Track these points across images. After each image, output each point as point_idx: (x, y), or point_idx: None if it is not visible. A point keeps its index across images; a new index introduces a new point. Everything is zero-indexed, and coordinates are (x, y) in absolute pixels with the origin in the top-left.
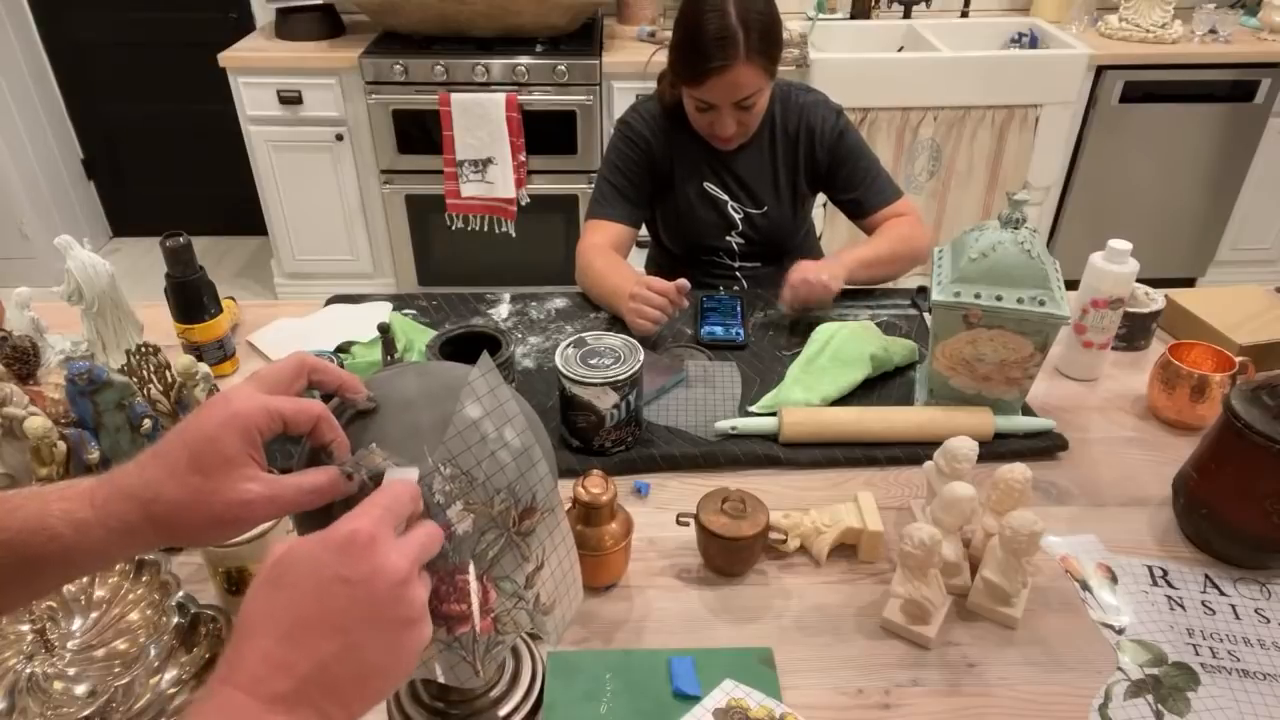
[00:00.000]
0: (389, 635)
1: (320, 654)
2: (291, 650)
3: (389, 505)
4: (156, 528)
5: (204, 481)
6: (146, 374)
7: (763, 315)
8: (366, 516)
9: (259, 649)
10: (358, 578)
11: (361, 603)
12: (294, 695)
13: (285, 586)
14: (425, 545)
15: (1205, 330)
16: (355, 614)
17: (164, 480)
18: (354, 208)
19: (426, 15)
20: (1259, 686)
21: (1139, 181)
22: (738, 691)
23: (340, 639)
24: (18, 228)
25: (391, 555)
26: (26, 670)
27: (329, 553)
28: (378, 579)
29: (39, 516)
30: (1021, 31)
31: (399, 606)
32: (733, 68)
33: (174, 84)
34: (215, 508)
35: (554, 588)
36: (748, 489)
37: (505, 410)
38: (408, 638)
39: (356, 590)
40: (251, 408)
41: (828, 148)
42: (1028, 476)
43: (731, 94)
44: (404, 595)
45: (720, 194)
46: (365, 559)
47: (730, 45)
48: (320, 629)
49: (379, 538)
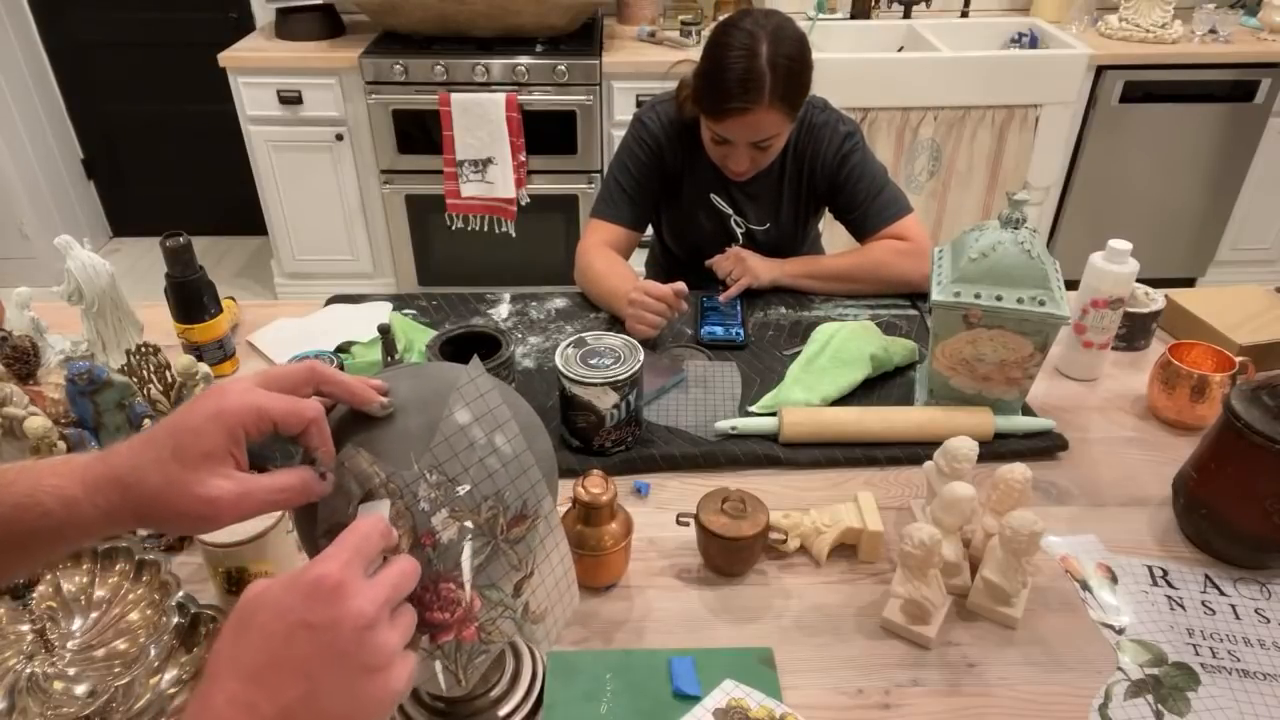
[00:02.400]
0: (353, 682)
1: (285, 698)
2: (256, 692)
3: (358, 546)
4: (133, 511)
5: (180, 472)
6: (146, 374)
7: (763, 315)
8: (335, 560)
9: (225, 690)
10: (322, 623)
11: (325, 648)
12: None
13: (253, 629)
14: (397, 585)
15: (1205, 330)
16: (319, 660)
17: (148, 466)
18: (354, 208)
19: (426, 15)
20: (1259, 686)
21: (1139, 181)
22: (738, 691)
23: (305, 684)
24: (18, 228)
25: (357, 600)
26: (26, 670)
27: (295, 597)
28: (343, 624)
29: (31, 492)
30: (1021, 31)
31: (363, 653)
32: (753, 111)
33: (174, 84)
34: (184, 500)
35: (545, 595)
36: (748, 489)
37: (496, 415)
38: (373, 685)
39: (321, 636)
40: (241, 405)
41: (829, 172)
42: (1028, 476)
43: (750, 135)
44: (369, 641)
45: (725, 208)
46: (330, 604)
47: (755, 89)
48: (284, 673)
49: (345, 582)
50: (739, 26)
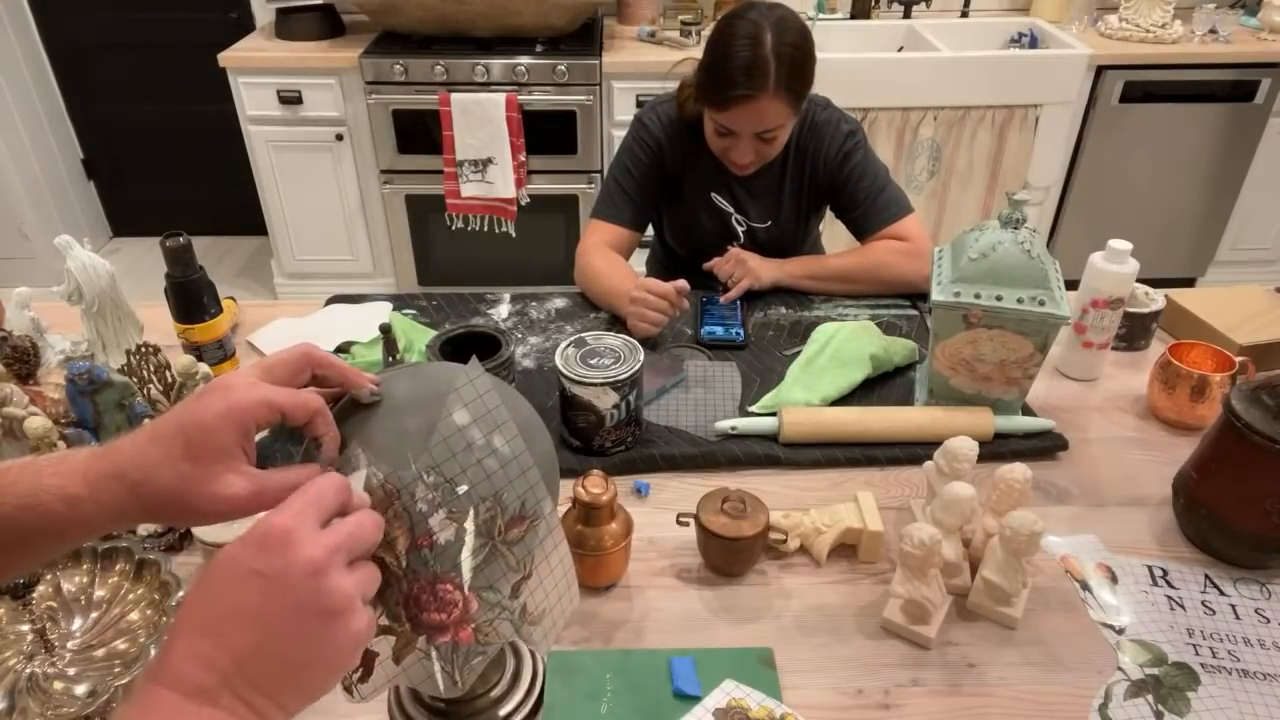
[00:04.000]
0: (309, 628)
1: (238, 647)
2: (210, 644)
3: (311, 500)
4: (142, 508)
5: (193, 469)
6: (146, 374)
7: (763, 315)
8: (285, 511)
9: (181, 645)
10: (271, 571)
11: (275, 596)
12: (216, 687)
13: (208, 585)
14: (353, 534)
15: (1205, 330)
16: (271, 608)
17: (157, 464)
18: (354, 208)
19: (426, 15)
20: (1259, 686)
21: (1139, 181)
22: (738, 692)
23: (259, 631)
24: (18, 228)
25: (306, 546)
26: (26, 670)
27: (246, 548)
28: (291, 570)
29: (32, 492)
30: (1021, 31)
31: (317, 597)
32: (758, 99)
33: (174, 84)
34: (198, 498)
35: (544, 597)
36: (748, 489)
37: (494, 416)
38: (331, 630)
39: (271, 584)
40: (250, 400)
41: (830, 171)
42: (1028, 476)
43: (754, 124)
44: (320, 585)
45: (726, 206)
46: (279, 552)
47: (759, 77)
48: (237, 623)
49: (294, 530)
50: (743, 17)
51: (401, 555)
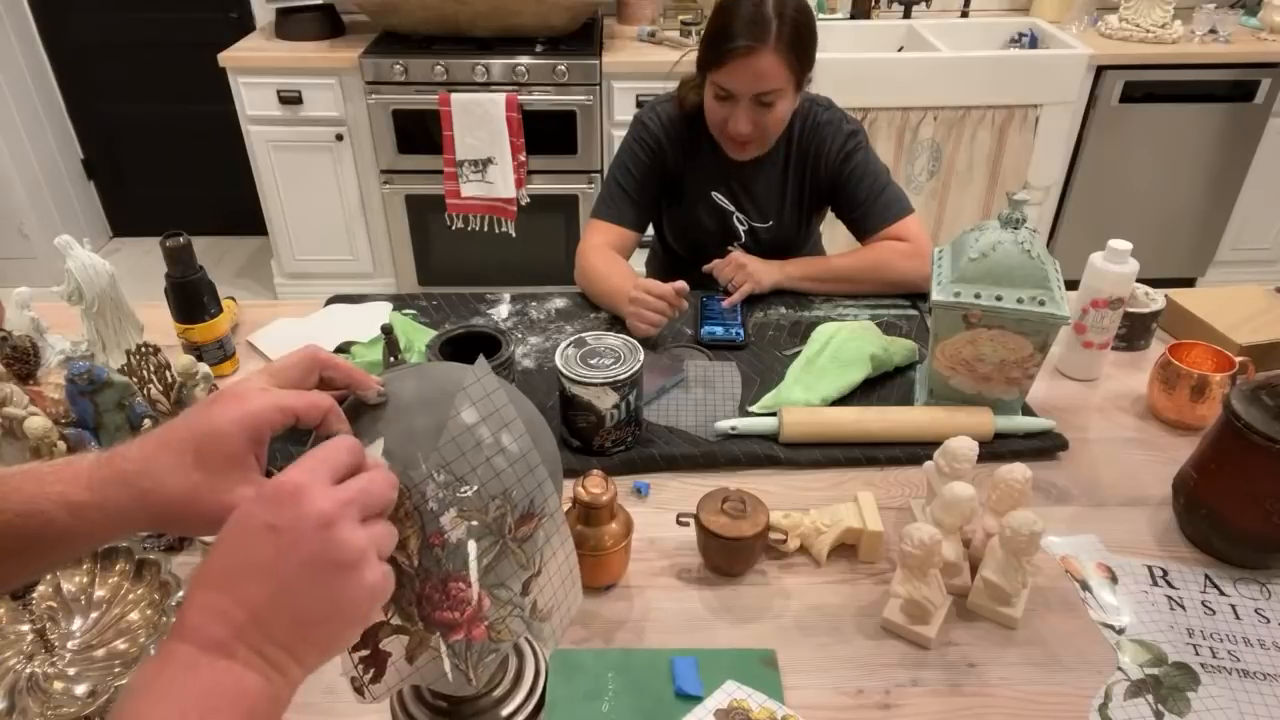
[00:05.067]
0: (321, 580)
1: (253, 600)
2: (224, 597)
3: (323, 457)
4: (150, 515)
5: (205, 478)
6: (146, 374)
7: (763, 315)
8: (297, 468)
9: (197, 600)
10: (283, 524)
11: (287, 549)
12: (231, 640)
13: (223, 542)
14: (365, 489)
15: (1205, 330)
16: (284, 560)
17: (167, 472)
18: (354, 208)
19: (426, 15)
20: (1259, 686)
21: (1139, 181)
22: (740, 693)
23: (271, 584)
24: (18, 228)
25: (317, 500)
26: (26, 670)
27: (258, 504)
28: (302, 523)
29: (34, 499)
30: (1021, 31)
31: (329, 549)
32: (759, 53)
33: (174, 84)
34: (209, 508)
35: (552, 594)
36: (748, 489)
37: (502, 415)
38: (345, 582)
39: (282, 537)
40: (264, 406)
41: (831, 171)
42: (1028, 476)
43: (753, 83)
44: (332, 537)
45: (727, 205)
46: (290, 505)
47: (760, 30)
48: (251, 576)
49: (305, 485)
50: None
51: (413, 555)
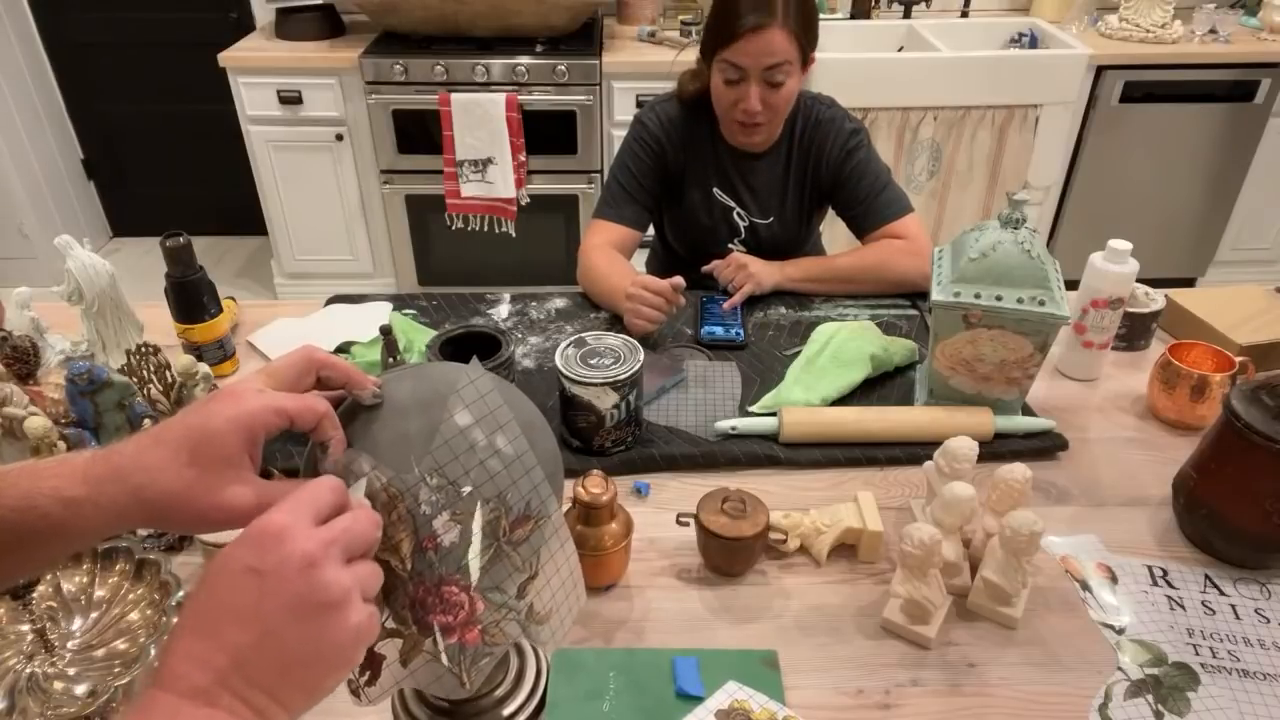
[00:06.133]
0: (305, 622)
1: (236, 645)
2: (206, 643)
3: (305, 498)
4: (145, 512)
5: (199, 476)
6: (146, 374)
7: (763, 315)
8: (280, 509)
9: (179, 647)
10: (267, 567)
11: (272, 592)
12: (214, 687)
13: (206, 585)
14: (349, 529)
15: (1205, 330)
16: (268, 604)
17: (161, 468)
18: (354, 208)
19: (427, 15)
20: (1259, 686)
21: (1139, 181)
22: (741, 693)
23: (255, 628)
24: (18, 228)
25: (300, 541)
26: (26, 670)
27: (241, 547)
28: (286, 565)
29: (30, 495)
30: (1021, 31)
31: (313, 591)
32: (768, 29)
33: (174, 84)
34: (203, 505)
35: (550, 596)
36: (748, 489)
37: (497, 417)
38: (329, 624)
39: (267, 580)
40: (260, 407)
41: (832, 168)
42: (1028, 476)
43: (762, 58)
44: (316, 578)
45: (728, 200)
46: (273, 548)
47: (768, 5)
48: (234, 620)
49: (288, 526)
50: None
51: (406, 558)
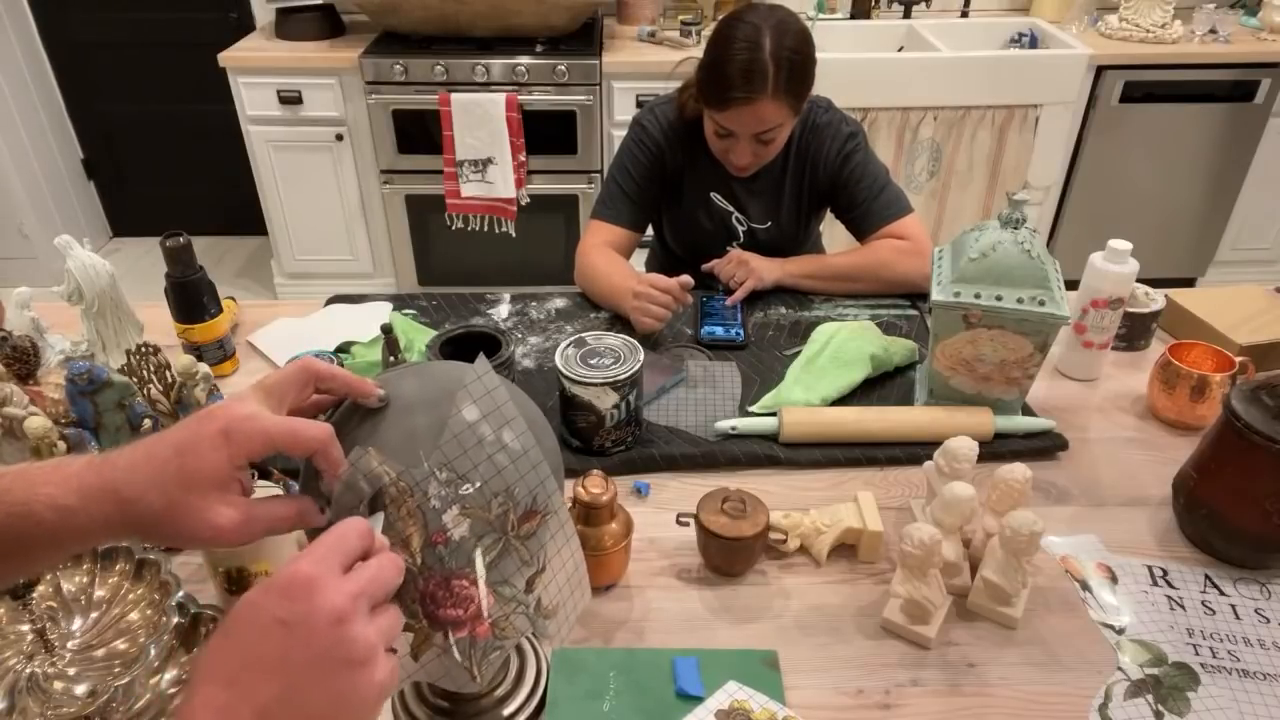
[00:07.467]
0: (331, 678)
1: (262, 698)
2: (233, 695)
3: (334, 545)
4: (132, 527)
5: (184, 495)
6: (146, 374)
7: (763, 315)
8: (308, 558)
9: (204, 696)
10: (295, 619)
11: (299, 645)
12: None
13: (231, 634)
14: (375, 579)
15: (1205, 330)
16: (295, 657)
17: (149, 485)
18: (354, 208)
19: (426, 15)
20: (1259, 686)
21: (1139, 181)
22: (741, 694)
23: (281, 681)
24: (18, 228)
25: (329, 594)
26: (26, 670)
27: (269, 596)
28: (315, 618)
29: (25, 500)
30: (1021, 31)
31: (342, 646)
32: (757, 102)
33: (174, 84)
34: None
35: (557, 590)
36: (748, 489)
37: (503, 412)
38: (355, 680)
39: (295, 632)
40: (248, 432)
41: (830, 172)
42: (1028, 476)
43: (753, 126)
44: (345, 634)
45: (726, 205)
46: (302, 599)
47: (758, 80)
48: (260, 672)
49: (318, 578)
50: (743, 20)
51: (416, 553)
